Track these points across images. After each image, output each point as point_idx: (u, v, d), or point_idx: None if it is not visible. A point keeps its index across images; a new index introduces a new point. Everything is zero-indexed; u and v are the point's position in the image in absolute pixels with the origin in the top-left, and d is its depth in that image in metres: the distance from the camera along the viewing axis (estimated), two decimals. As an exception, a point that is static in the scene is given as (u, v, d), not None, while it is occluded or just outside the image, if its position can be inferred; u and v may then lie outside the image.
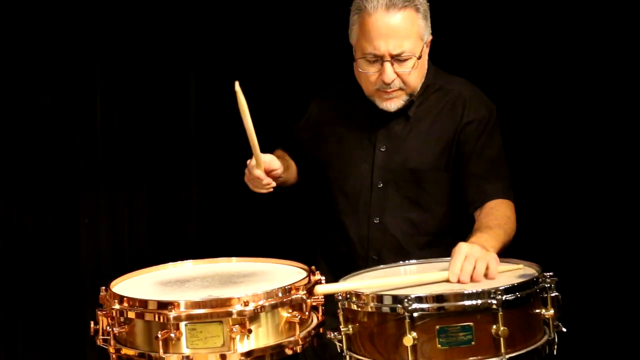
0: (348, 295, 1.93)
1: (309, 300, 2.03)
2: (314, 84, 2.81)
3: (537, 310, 1.91)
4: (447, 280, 2.02)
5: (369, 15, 2.36)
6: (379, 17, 2.34)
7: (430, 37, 2.45)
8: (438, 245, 2.49)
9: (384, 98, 2.44)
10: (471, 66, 2.86)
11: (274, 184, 2.39)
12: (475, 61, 3.05)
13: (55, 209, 3.21)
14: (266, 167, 2.36)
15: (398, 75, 2.39)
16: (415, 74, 2.41)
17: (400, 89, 2.42)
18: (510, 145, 2.58)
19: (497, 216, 2.35)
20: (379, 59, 2.38)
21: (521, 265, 2.08)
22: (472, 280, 2.00)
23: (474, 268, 2.01)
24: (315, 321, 2.08)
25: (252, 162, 2.36)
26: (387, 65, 2.37)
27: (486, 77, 2.65)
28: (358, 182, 2.55)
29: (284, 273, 2.21)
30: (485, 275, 2.02)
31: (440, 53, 2.56)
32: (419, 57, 2.39)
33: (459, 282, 2.00)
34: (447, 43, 2.62)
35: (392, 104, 2.45)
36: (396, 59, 2.37)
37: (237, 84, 2.12)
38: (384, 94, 2.43)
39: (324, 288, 2.07)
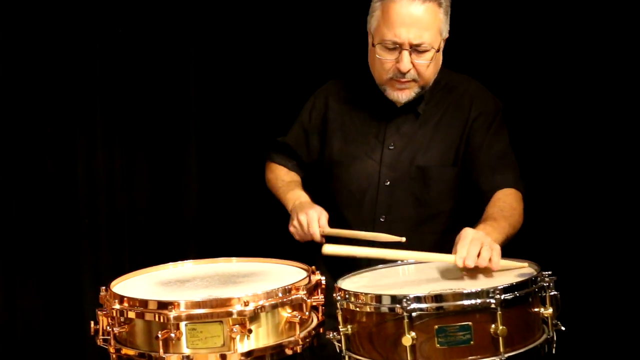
0: (347, 296, 1.94)
1: (309, 300, 2.04)
2: (312, 85, 2.81)
3: (536, 309, 1.91)
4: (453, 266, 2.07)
5: (393, 2, 2.38)
6: (403, 5, 2.37)
7: (447, 35, 2.47)
8: (444, 245, 2.48)
9: (396, 87, 2.46)
10: (473, 66, 2.86)
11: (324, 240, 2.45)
12: (477, 61, 3.05)
13: (56, 209, 3.21)
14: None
15: (414, 66, 2.41)
16: (431, 67, 2.43)
17: (414, 80, 2.44)
18: (510, 145, 2.58)
19: (503, 207, 2.35)
20: (397, 47, 2.39)
21: (526, 264, 2.07)
22: (476, 265, 2.01)
23: (479, 253, 2.02)
24: (315, 321, 2.09)
25: (309, 222, 2.42)
26: (405, 54, 2.39)
27: (486, 79, 2.65)
28: (365, 180, 2.55)
29: (284, 273, 2.22)
30: (488, 262, 2.02)
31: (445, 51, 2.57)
32: (437, 51, 2.40)
33: (464, 265, 2.01)
34: (451, 41, 2.62)
35: (403, 95, 2.47)
36: (415, 49, 2.39)
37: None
38: (397, 83, 2.45)
39: (332, 249, 2.12)
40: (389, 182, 2.53)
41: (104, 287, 2.11)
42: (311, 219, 2.43)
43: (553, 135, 3.13)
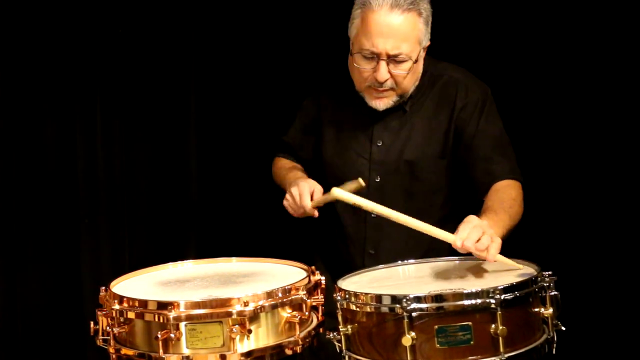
0: (347, 296, 1.94)
1: (308, 300, 2.04)
2: (312, 83, 2.82)
3: (536, 309, 1.91)
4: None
5: (372, 11, 2.36)
6: (382, 15, 2.35)
7: (428, 43, 2.46)
8: (435, 240, 2.49)
9: (374, 96, 2.46)
10: (468, 60, 2.86)
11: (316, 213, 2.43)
12: (472, 55, 3.04)
13: (56, 208, 3.20)
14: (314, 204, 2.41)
15: (392, 75, 2.41)
16: (409, 77, 2.42)
17: (392, 89, 2.44)
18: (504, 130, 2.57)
19: (503, 198, 2.34)
20: (375, 57, 2.39)
21: (521, 266, 2.07)
22: (474, 250, 2.01)
23: (479, 239, 2.02)
24: (315, 321, 2.09)
25: (301, 193, 2.40)
26: (383, 64, 2.38)
27: (483, 73, 2.65)
28: (355, 177, 2.56)
29: (284, 273, 2.22)
30: (484, 250, 2.02)
31: (437, 44, 2.56)
32: (415, 61, 2.40)
33: (462, 247, 2.02)
34: (445, 35, 2.61)
35: (381, 103, 2.47)
36: (392, 59, 2.38)
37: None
38: (374, 92, 2.45)
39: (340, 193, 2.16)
40: (379, 179, 2.53)
41: (104, 287, 2.11)
42: (302, 190, 2.40)
43: (552, 134, 3.13)
